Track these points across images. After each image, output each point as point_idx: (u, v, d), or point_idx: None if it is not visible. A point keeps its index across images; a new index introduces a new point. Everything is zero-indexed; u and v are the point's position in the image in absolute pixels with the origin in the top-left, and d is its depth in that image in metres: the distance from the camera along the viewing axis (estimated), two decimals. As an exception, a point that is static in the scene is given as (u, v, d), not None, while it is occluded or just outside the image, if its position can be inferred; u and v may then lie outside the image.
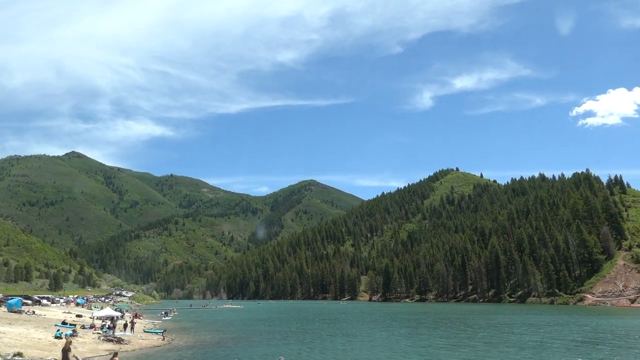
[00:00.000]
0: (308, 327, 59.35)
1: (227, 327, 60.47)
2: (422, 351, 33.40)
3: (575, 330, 48.91)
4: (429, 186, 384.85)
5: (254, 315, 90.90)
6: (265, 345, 37.94)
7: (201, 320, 75.62)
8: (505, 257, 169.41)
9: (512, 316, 77.50)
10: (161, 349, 36.44)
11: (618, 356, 29.91)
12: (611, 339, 39.80)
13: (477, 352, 32.57)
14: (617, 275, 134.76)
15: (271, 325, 63.69)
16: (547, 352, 32.90)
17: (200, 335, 46.24)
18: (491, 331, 49.48)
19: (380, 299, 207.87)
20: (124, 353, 33.81)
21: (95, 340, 36.95)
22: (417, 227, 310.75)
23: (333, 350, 33.80)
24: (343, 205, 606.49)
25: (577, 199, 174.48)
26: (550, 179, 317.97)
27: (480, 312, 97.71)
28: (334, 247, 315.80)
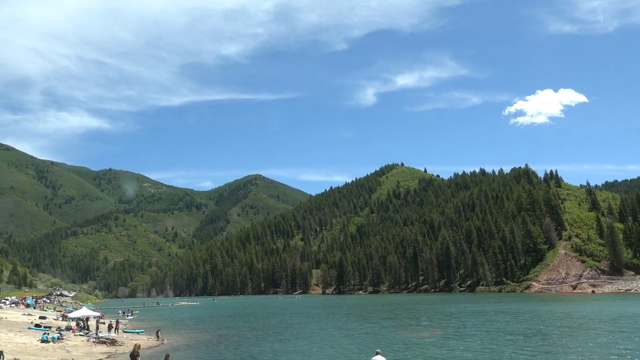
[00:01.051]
0: (289, 321, 58.68)
1: (206, 324, 58.53)
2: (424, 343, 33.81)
3: (527, 317, 51.55)
4: (375, 180, 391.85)
5: (220, 312, 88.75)
6: (268, 340, 37.01)
7: (169, 319, 72.82)
8: (455, 249, 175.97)
9: (483, 305, 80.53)
10: (160, 349, 34.58)
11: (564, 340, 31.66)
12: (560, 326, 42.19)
13: (482, 342, 33.41)
14: (560, 263, 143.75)
15: (249, 321, 62.40)
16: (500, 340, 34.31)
17: (187, 334, 44.36)
18: (480, 319, 51.08)
19: (334, 292, 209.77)
20: (126, 355, 31.74)
21: (87, 343, 34.42)
22: (365, 221, 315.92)
23: (348, 343, 33.56)
24: (289, 200, 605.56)
25: (521, 192, 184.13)
26: (490, 174, 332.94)
27: (444, 301, 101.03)
28: (283, 242, 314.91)
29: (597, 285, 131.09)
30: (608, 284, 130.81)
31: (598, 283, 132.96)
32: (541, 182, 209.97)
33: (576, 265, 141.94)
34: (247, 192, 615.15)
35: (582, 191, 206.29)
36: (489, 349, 28.79)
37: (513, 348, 28.86)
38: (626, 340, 30.27)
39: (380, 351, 14.75)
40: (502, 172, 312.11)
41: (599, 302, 77.87)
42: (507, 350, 28.18)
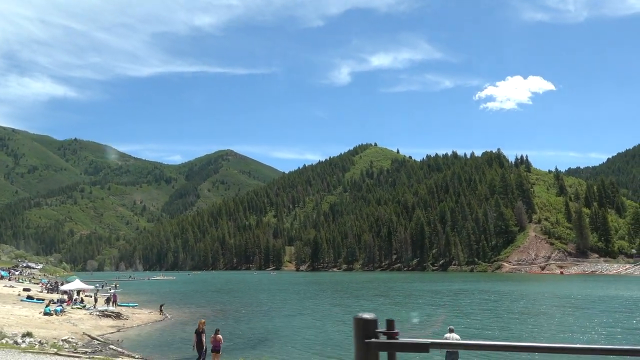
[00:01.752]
0: (280, 297, 58.85)
1: (196, 299, 57.97)
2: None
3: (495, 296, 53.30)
4: (349, 160, 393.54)
5: (202, 287, 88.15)
6: (275, 316, 36.95)
7: (152, 293, 71.80)
8: (429, 229, 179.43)
9: (464, 284, 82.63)
10: (166, 323, 34.05)
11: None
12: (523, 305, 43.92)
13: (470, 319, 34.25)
14: (530, 245, 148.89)
15: (238, 296, 62.26)
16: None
17: (187, 309, 43.72)
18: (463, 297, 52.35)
19: (307, 268, 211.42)
20: (135, 329, 31.16)
21: (91, 316, 33.47)
22: (339, 200, 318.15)
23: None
24: (261, 177, 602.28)
25: (495, 175, 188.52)
26: (462, 157, 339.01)
27: (422, 279, 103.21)
28: (256, 218, 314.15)
29: (564, 267, 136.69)
30: (574, 266, 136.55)
31: (565, 265, 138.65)
32: (512, 166, 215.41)
33: (545, 247, 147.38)
34: (218, 167, 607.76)
35: (550, 176, 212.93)
36: (499, 327, 29.54)
37: (525, 326, 29.73)
38: (625, 319, 31.63)
39: (453, 328, 14.71)
40: (473, 156, 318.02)
41: (574, 283, 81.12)
42: (522, 327, 28.99)
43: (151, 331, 30.26)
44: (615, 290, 59.88)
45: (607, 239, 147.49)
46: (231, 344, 24.67)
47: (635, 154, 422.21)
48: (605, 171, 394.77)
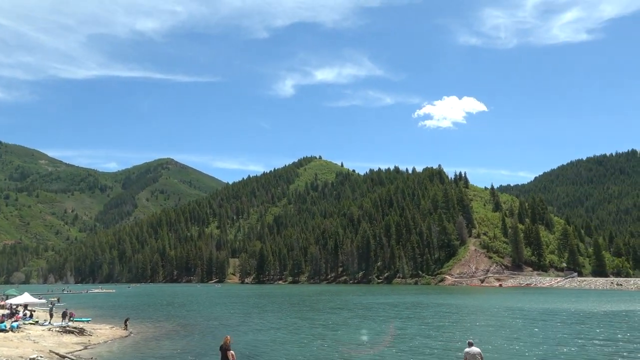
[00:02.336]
0: (239, 311, 57.75)
1: (150, 313, 55.45)
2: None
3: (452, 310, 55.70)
4: (294, 172, 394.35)
5: (150, 300, 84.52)
6: (243, 331, 36.19)
7: (101, 307, 68.02)
8: (374, 242, 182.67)
9: (422, 297, 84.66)
10: (136, 338, 32.36)
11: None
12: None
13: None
14: (470, 259, 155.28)
15: (193, 310, 60.34)
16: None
17: (149, 324, 41.73)
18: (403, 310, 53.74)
19: (253, 281, 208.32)
20: (103, 346, 29.43)
21: (51, 333, 31.17)
22: (283, 212, 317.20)
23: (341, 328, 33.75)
24: (202, 187, 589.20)
25: (437, 191, 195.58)
26: (404, 172, 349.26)
27: (372, 292, 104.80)
28: (198, 229, 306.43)
29: (501, 280, 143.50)
30: (511, 279, 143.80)
31: (502, 277, 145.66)
32: (451, 182, 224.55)
33: (484, 261, 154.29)
34: (158, 176, 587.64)
35: (486, 193, 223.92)
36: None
37: (511, 341, 31.10)
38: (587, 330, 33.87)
39: (473, 342, 15.11)
40: (415, 171, 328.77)
41: (517, 296, 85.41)
42: (511, 343, 30.28)
43: (122, 348, 28.74)
44: (558, 303, 63.75)
45: (539, 254, 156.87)
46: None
47: (559, 174, 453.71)
48: (532, 189, 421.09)
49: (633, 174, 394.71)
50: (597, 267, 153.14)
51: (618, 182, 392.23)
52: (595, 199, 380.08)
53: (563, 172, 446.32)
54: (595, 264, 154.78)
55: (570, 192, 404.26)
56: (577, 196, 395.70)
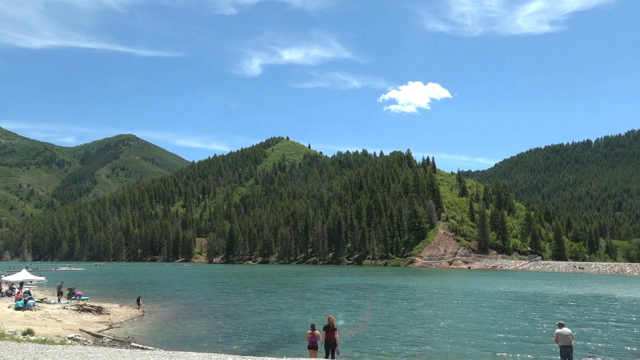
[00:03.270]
0: (233, 291, 57.86)
1: (142, 292, 54.68)
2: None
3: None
4: (261, 152, 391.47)
5: (127, 279, 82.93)
6: (260, 312, 36.44)
7: (83, 286, 66.35)
8: (345, 224, 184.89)
9: (404, 279, 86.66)
10: (155, 317, 32.00)
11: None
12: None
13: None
14: (440, 241, 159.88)
15: (184, 289, 59.82)
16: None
17: (156, 304, 41.13)
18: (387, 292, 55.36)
19: (222, 261, 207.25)
20: (128, 325, 29.04)
21: (70, 312, 30.40)
22: (250, 192, 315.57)
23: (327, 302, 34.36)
24: (165, 165, 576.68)
25: (408, 175, 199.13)
26: (371, 155, 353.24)
27: (348, 272, 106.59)
28: (163, 208, 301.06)
29: (468, 262, 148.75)
30: (477, 261, 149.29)
31: (469, 260, 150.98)
32: (420, 167, 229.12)
33: (452, 244, 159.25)
34: (119, 153, 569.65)
35: (453, 178, 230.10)
36: (478, 321, 32.12)
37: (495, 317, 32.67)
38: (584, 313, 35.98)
39: (563, 322, 15.79)
40: (383, 155, 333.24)
41: (490, 278, 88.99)
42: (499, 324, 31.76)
43: (147, 327, 28.44)
44: (533, 286, 67.02)
45: (504, 238, 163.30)
46: (256, 341, 24.27)
47: (519, 161, 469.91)
48: (493, 175, 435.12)
49: (587, 163, 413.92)
50: (557, 251, 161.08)
51: (573, 170, 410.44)
52: (552, 186, 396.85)
53: (522, 160, 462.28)
54: (555, 248, 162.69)
55: (529, 179, 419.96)
56: (534, 183, 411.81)
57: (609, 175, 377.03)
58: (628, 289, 59.93)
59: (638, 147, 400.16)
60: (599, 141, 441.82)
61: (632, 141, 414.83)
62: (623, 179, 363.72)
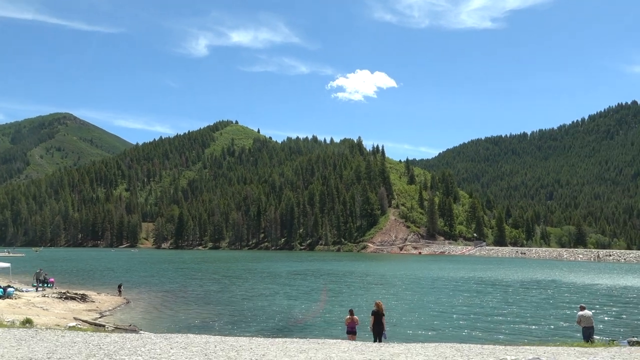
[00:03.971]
0: (207, 277, 57.04)
1: (106, 279, 52.82)
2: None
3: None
4: (209, 135, 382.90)
5: (81, 266, 79.31)
6: (246, 297, 36.30)
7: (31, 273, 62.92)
8: (298, 210, 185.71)
9: (371, 266, 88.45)
10: (142, 305, 31.11)
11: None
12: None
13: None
14: (391, 228, 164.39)
15: (151, 276, 58.33)
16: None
17: (133, 291, 39.84)
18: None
19: (170, 246, 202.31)
20: (120, 313, 28.15)
21: (53, 300, 28.84)
22: (198, 176, 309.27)
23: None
24: (105, 146, 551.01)
25: (360, 162, 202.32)
26: (321, 142, 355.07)
27: (307, 257, 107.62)
28: (105, 191, 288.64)
29: (418, 248, 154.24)
30: (426, 247, 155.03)
31: (419, 246, 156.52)
32: (370, 154, 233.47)
33: (403, 230, 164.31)
34: (54, 132, 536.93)
35: (401, 166, 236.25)
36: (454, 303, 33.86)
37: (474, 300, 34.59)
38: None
39: (585, 305, 16.97)
40: (333, 142, 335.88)
41: (443, 263, 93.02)
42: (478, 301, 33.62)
43: (140, 315, 27.68)
44: (492, 271, 70.79)
45: (450, 224, 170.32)
46: (267, 325, 24.35)
47: (461, 150, 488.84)
48: (436, 164, 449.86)
49: (523, 154, 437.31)
50: (498, 237, 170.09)
51: (510, 161, 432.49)
52: (490, 176, 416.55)
53: (464, 150, 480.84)
54: (497, 234, 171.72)
55: (469, 168, 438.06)
56: (474, 172, 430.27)
57: (542, 167, 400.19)
58: (585, 274, 64.77)
59: (568, 141, 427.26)
60: (534, 134, 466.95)
61: (564, 135, 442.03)
62: (554, 170, 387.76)
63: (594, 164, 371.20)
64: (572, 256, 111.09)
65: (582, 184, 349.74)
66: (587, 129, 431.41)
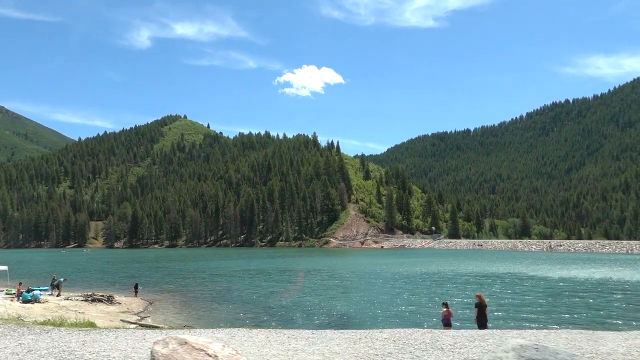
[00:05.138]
0: (208, 278, 56.42)
1: (78, 280, 51.05)
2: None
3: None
4: (157, 130, 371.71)
5: (43, 268, 75.74)
6: (269, 297, 36.53)
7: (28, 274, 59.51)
8: (258, 206, 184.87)
9: (332, 259, 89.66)
10: (164, 306, 30.68)
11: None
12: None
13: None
14: (352, 223, 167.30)
15: (131, 277, 56.91)
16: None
17: (145, 293, 38.88)
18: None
19: (124, 245, 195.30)
20: (154, 314, 27.79)
21: (80, 303, 27.83)
22: (147, 172, 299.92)
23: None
24: (42, 141, 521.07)
25: (319, 158, 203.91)
26: (274, 137, 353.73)
27: (274, 254, 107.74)
28: (47, 189, 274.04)
29: (378, 242, 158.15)
30: (386, 241, 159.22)
31: (379, 240, 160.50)
32: (325, 150, 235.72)
33: (363, 225, 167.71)
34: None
35: (356, 161, 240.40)
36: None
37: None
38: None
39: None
40: (286, 137, 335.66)
41: (421, 257, 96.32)
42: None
43: (178, 313, 27.65)
44: (469, 265, 74.31)
45: (408, 218, 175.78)
46: (316, 319, 25.03)
47: (409, 146, 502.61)
48: (385, 159, 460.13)
49: (467, 150, 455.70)
50: (452, 230, 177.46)
51: (455, 156, 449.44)
52: (437, 171, 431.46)
53: (412, 145, 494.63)
54: (451, 227, 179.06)
55: (417, 163, 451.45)
56: (422, 167, 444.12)
57: (484, 162, 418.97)
58: (551, 268, 69.39)
59: (508, 137, 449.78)
60: (477, 130, 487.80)
61: (504, 131, 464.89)
62: (496, 165, 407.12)
63: (532, 159, 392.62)
64: (527, 247, 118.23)
65: (522, 178, 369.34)
66: (524, 126, 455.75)
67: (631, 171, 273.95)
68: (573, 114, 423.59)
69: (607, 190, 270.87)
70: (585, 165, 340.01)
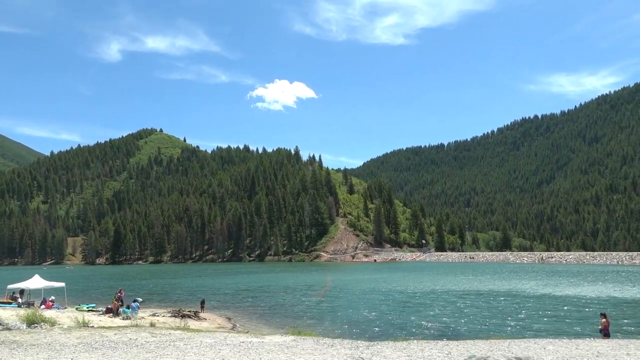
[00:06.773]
0: (237, 292, 55.99)
1: (86, 298, 50.06)
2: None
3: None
4: (133, 144, 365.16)
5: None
6: (322, 310, 36.85)
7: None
8: (245, 220, 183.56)
9: (346, 274, 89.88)
10: (248, 318, 30.75)
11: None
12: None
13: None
14: (342, 236, 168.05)
15: (153, 293, 56.12)
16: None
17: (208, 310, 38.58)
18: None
19: (107, 262, 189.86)
20: (247, 328, 27.95)
21: (172, 319, 27.64)
22: (124, 187, 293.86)
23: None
24: (9, 155, 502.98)
25: (306, 172, 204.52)
26: (254, 151, 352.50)
27: (269, 269, 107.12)
28: (19, 204, 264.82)
29: (369, 256, 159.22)
30: (376, 255, 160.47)
31: (369, 254, 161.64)
32: (308, 164, 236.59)
33: (353, 239, 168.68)
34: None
35: (339, 175, 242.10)
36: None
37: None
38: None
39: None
40: (265, 151, 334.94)
41: (427, 272, 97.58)
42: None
43: (272, 327, 27.88)
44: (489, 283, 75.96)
45: (396, 232, 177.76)
46: (408, 329, 25.75)
47: (384, 160, 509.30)
48: (361, 173, 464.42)
49: (441, 164, 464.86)
50: (438, 243, 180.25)
51: (430, 170, 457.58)
52: (413, 185, 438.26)
53: (387, 160, 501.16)
54: (437, 240, 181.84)
55: (393, 177, 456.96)
56: (398, 181, 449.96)
57: (459, 176, 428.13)
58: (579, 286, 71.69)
59: (481, 151, 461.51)
60: (450, 145, 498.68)
61: (476, 146, 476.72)
62: (470, 178, 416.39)
63: (504, 173, 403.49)
64: (518, 259, 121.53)
65: (495, 192, 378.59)
66: (496, 141, 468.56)
67: (601, 184, 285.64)
68: (542, 129, 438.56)
69: (579, 203, 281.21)
70: (555, 179, 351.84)
